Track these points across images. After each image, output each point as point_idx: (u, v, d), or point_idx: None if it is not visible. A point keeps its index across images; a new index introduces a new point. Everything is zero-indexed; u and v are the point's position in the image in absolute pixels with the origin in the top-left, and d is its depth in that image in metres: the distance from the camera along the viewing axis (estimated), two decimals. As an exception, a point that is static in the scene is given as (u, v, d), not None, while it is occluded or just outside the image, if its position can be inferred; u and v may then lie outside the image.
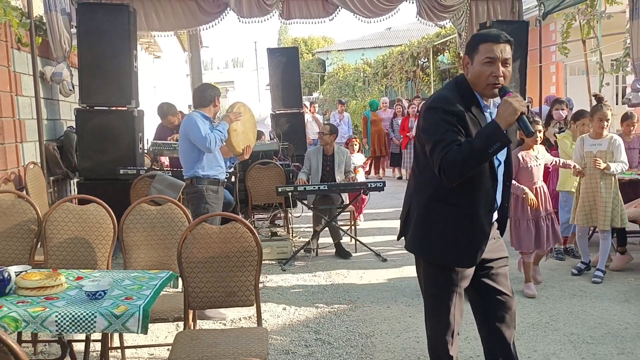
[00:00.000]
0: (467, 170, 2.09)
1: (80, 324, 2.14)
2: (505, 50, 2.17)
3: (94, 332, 2.17)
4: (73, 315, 2.13)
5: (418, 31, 24.29)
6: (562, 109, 6.18)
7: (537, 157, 4.26)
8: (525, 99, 6.98)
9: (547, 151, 6.05)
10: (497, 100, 2.26)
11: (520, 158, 4.19)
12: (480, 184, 2.19)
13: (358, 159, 7.03)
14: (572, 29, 8.42)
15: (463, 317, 2.38)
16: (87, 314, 2.14)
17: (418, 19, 7.78)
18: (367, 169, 7.20)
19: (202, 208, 4.13)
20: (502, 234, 2.45)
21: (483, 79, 2.18)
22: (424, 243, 2.30)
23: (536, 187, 4.25)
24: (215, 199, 4.25)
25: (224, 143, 4.29)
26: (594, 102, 8.41)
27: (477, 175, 2.17)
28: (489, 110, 2.27)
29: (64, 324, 2.13)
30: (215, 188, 4.25)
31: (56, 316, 2.13)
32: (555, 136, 5.60)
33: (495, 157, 2.20)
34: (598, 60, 8.23)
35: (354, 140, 7.38)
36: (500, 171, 2.31)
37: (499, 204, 2.33)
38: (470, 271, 2.32)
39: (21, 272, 2.45)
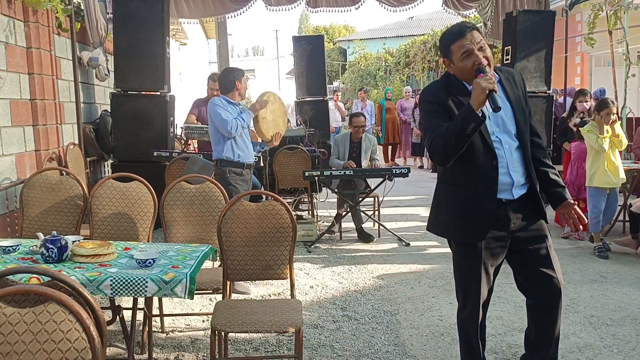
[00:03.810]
0: (451, 151, 2.25)
1: (133, 287, 2.32)
2: (474, 38, 2.27)
3: (145, 295, 2.35)
4: (126, 280, 2.32)
5: (441, 20, 24.17)
6: (586, 101, 6.20)
7: None
8: (549, 89, 7.00)
9: (568, 143, 6.07)
10: None
11: None
12: (475, 163, 2.30)
13: None
14: (598, 20, 8.37)
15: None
16: (139, 279, 2.32)
17: (444, 8, 7.82)
18: None
19: (226, 189, 4.26)
20: (539, 213, 2.42)
21: (469, 71, 2.28)
22: (436, 222, 2.53)
23: None
24: (240, 181, 4.35)
25: (246, 129, 4.39)
26: (620, 94, 8.38)
27: (471, 156, 2.29)
28: None
29: (118, 287, 2.32)
30: (239, 171, 4.35)
31: (111, 280, 2.31)
32: (577, 127, 5.63)
33: (495, 135, 2.30)
34: (624, 52, 8.19)
35: None
36: (504, 147, 2.32)
37: (514, 181, 2.33)
38: (497, 248, 2.39)
39: (75, 241, 2.65)
